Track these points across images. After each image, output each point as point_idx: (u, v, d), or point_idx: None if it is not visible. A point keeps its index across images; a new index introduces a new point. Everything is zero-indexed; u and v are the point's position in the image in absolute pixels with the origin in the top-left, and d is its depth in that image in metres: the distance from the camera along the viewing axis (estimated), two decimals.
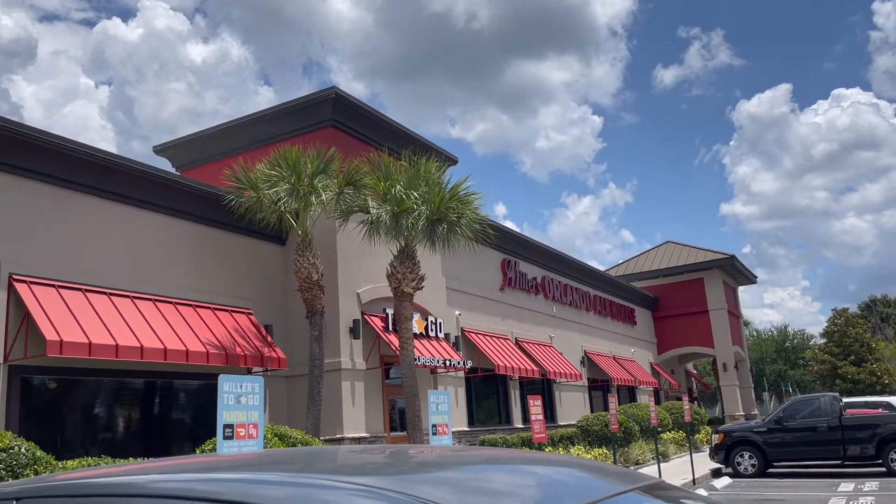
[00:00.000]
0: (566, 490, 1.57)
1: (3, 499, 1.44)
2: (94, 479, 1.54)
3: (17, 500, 1.41)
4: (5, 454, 6.54)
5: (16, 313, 10.72)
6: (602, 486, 1.58)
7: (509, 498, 1.47)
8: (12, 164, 11.08)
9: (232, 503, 1.27)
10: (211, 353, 12.44)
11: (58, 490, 1.49)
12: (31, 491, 1.45)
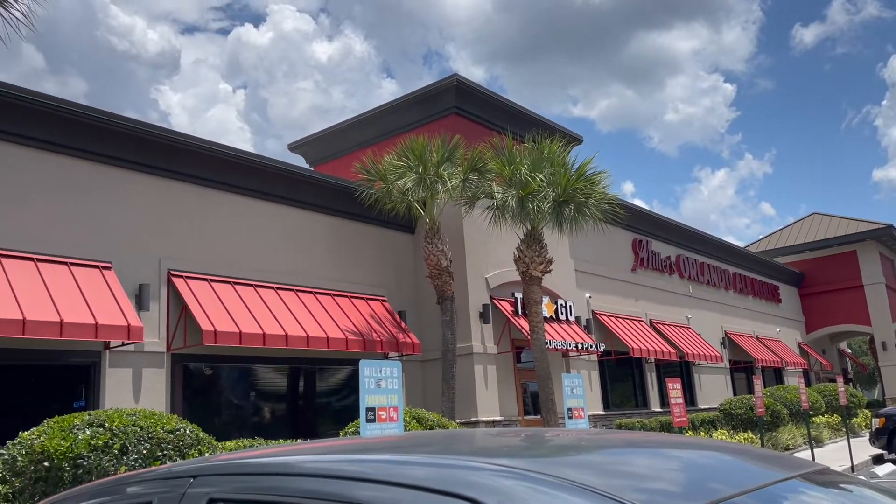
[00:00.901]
0: (719, 475, 1.50)
1: (181, 476, 1.58)
2: (257, 458, 1.66)
3: (193, 477, 1.54)
4: (172, 435, 7.14)
5: (175, 306, 11.64)
6: (760, 472, 1.50)
7: (658, 482, 1.43)
8: (167, 168, 12.00)
9: (381, 482, 1.32)
10: (350, 340, 12.96)
11: (227, 469, 1.61)
12: (204, 469, 1.58)
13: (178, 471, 1.65)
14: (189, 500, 1.48)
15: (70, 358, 10.59)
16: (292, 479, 1.42)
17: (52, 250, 10.27)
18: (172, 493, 1.53)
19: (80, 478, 6.51)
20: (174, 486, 1.55)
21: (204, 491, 1.48)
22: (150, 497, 1.57)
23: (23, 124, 10.37)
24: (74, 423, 6.77)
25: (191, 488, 1.51)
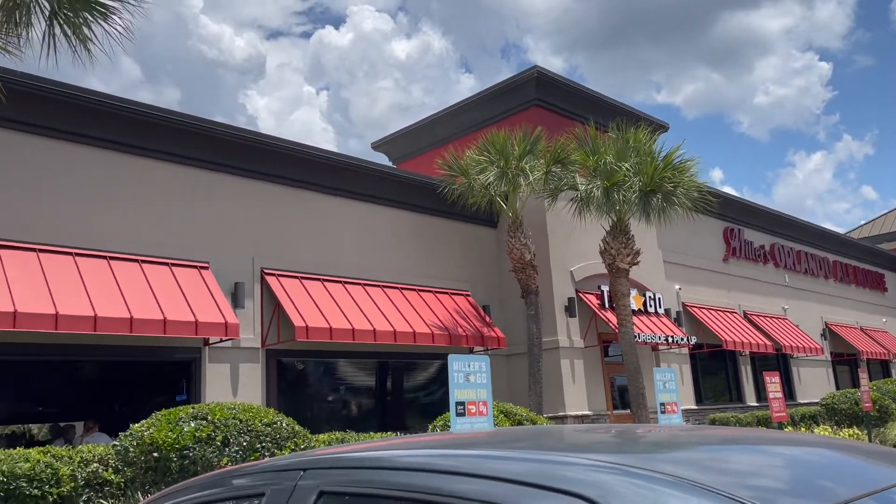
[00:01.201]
0: (836, 474, 1.44)
1: (292, 469, 1.65)
2: (364, 452, 1.71)
3: (303, 470, 1.60)
4: (270, 428, 7.42)
5: (268, 303, 12.07)
6: (881, 471, 1.43)
7: (768, 480, 1.38)
8: (260, 170, 12.44)
9: (485, 477, 1.34)
10: (436, 335, 13.10)
11: (336, 462, 1.68)
12: (313, 462, 1.64)
13: (288, 464, 1.72)
14: (300, 492, 1.54)
15: (173, 354, 11.14)
16: (400, 473, 1.46)
17: (154, 252, 10.83)
18: (284, 485, 1.59)
19: (187, 468, 6.85)
20: (286, 479, 1.62)
21: (314, 483, 1.54)
22: (263, 488, 1.64)
23: (127, 134, 10.96)
24: (180, 415, 7.13)
25: (301, 480, 1.57)
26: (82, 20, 6.92)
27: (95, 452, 8.05)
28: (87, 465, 7.84)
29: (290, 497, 1.55)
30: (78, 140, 10.54)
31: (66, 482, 7.53)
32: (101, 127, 10.70)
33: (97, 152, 10.72)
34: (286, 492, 1.57)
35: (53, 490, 7.43)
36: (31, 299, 8.85)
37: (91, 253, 10.11)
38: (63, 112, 10.31)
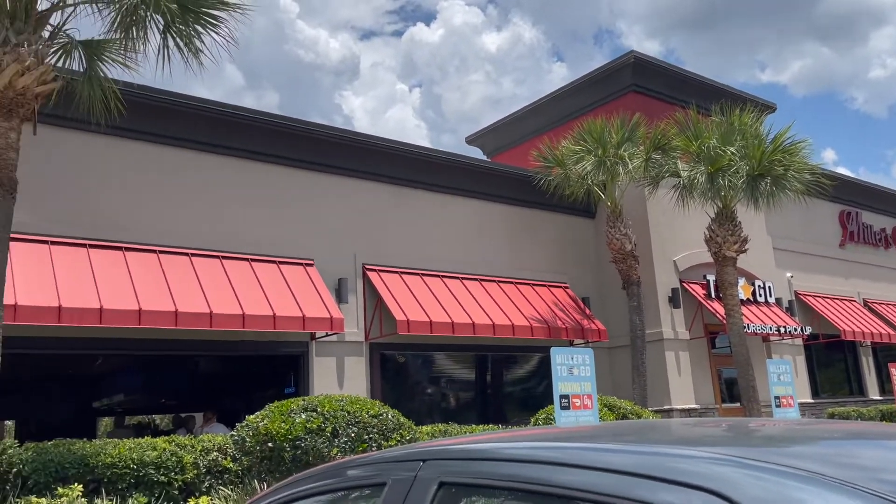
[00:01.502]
0: None
1: (412, 460, 1.68)
2: (485, 444, 1.73)
3: (423, 461, 1.64)
4: (376, 420, 7.61)
5: (370, 298, 12.36)
6: None
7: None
8: (357, 169, 12.75)
9: (609, 471, 1.32)
10: (535, 327, 13.03)
11: (454, 454, 1.70)
12: (433, 454, 1.68)
13: (407, 454, 1.76)
14: (421, 483, 1.57)
15: (281, 348, 11.59)
16: (525, 465, 1.46)
17: (263, 251, 11.30)
18: (405, 475, 1.63)
19: (299, 458, 7.13)
20: (406, 469, 1.65)
21: (434, 474, 1.57)
22: (384, 478, 1.69)
23: (234, 138, 11.48)
24: (291, 407, 7.42)
25: (421, 471, 1.60)
26: (193, 32, 7.30)
27: (215, 442, 8.50)
28: (208, 454, 8.29)
29: (410, 487, 1.58)
30: (188, 146, 11.12)
31: (190, 469, 7.99)
32: (209, 132, 11.25)
33: (207, 157, 11.28)
34: (407, 482, 1.60)
35: (178, 477, 7.91)
36: (153, 298, 9.43)
37: (205, 253, 10.66)
38: (175, 120, 10.90)
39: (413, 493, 1.57)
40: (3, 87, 6.53)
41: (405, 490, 1.60)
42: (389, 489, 1.64)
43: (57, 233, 9.48)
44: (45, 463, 7.24)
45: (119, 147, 10.39)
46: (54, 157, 9.60)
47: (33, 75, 6.68)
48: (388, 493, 1.64)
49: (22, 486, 7.08)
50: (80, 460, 7.43)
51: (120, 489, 7.46)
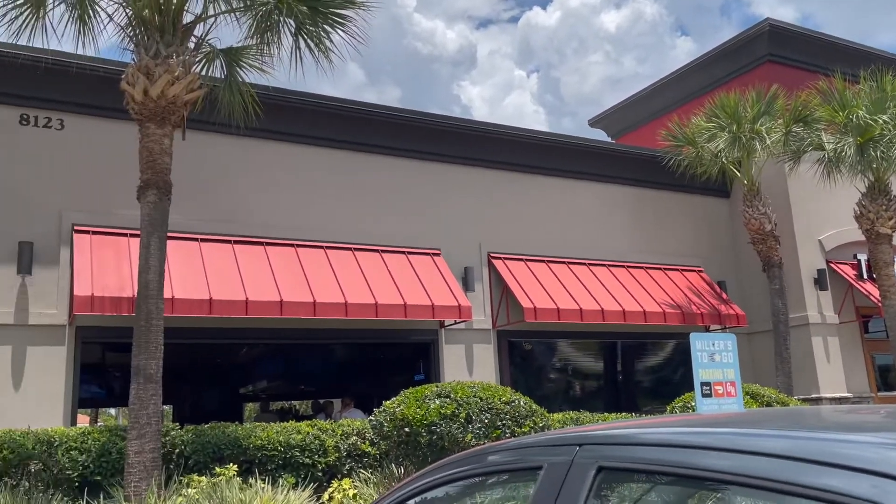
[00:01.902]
0: None
1: (567, 444, 1.67)
2: (643, 430, 1.70)
3: (579, 445, 1.62)
4: (509, 406, 7.64)
5: (496, 286, 12.40)
6: None
7: None
8: (480, 157, 12.79)
9: (789, 458, 1.25)
10: (667, 313, 12.61)
11: (612, 439, 1.68)
12: (588, 438, 1.66)
13: (562, 438, 1.75)
14: (578, 466, 1.56)
15: (411, 336, 11.87)
16: (691, 452, 1.42)
17: (392, 242, 11.59)
18: (561, 459, 1.62)
19: (435, 443, 7.28)
20: (561, 453, 1.64)
21: (592, 458, 1.55)
22: (540, 462, 1.69)
23: (361, 134, 11.83)
24: (426, 393, 7.59)
25: (578, 456, 1.59)
26: (322, 32, 7.59)
27: (354, 426, 8.85)
28: (348, 438, 8.65)
29: (568, 471, 1.57)
30: (318, 143, 11.56)
31: (332, 452, 8.37)
32: (338, 130, 11.65)
33: (336, 153, 11.69)
34: (563, 466, 1.59)
35: (321, 459, 8.30)
36: (293, 289, 9.92)
37: (339, 246, 11.08)
38: (306, 118, 11.36)
39: (571, 477, 1.56)
40: (157, 96, 7.06)
41: (562, 474, 1.59)
42: (546, 473, 1.64)
43: (206, 231, 10.16)
44: (203, 444, 7.81)
45: (257, 147, 10.97)
46: (200, 160, 10.27)
47: (182, 84, 7.17)
48: (545, 476, 1.63)
49: (184, 465, 7.68)
50: (234, 442, 7.96)
51: (269, 469, 7.93)
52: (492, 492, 2.58)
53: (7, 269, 9.00)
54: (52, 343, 9.09)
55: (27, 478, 7.11)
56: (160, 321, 7.04)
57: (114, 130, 9.78)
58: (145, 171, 7.24)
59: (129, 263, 9.12)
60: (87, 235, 9.35)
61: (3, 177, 9.33)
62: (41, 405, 8.85)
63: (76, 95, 9.71)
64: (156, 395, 6.92)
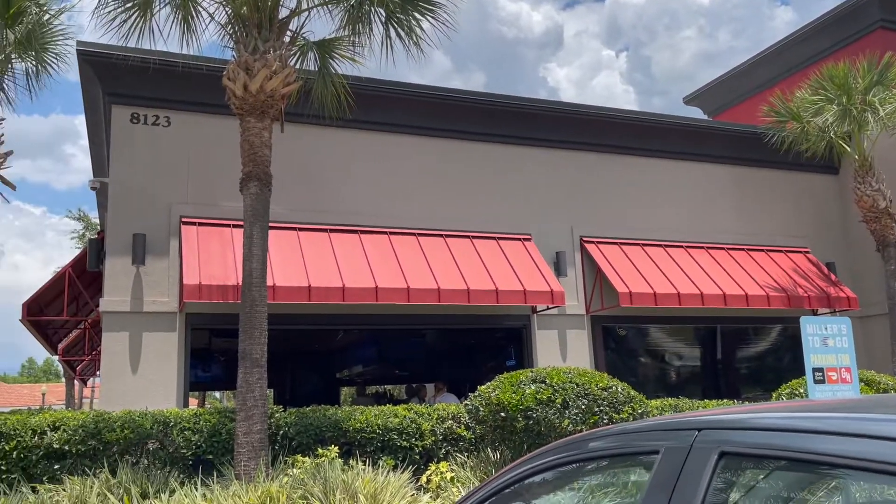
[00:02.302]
0: None
1: (685, 429, 1.63)
2: (768, 414, 1.64)
3: (698, 430, 1.58)
4: (606, 392, 7.53)
5: (590, 271, 12.21)
6: None
7: None
8: (569, 140, 12.60)
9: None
10: (771, 297, 12.08)
11: (735, 423, 1.62)
12: (708, 423, 1.61)
13: (679, 423, 1.71)
14: (699, 451, 1.51)
15: (504, 322, 11.86)
16: (823, 438, 1.35)
17: (482, 228, 11.60)
18: (679, 443, 1.58)
19: (531, 428, 7.27)
20: (679, 438, 1.60)
21: (713, 442, 1.50)
22: (656, 446, 1.65)
23: (449, 120, 11.86)
24: (521, 378, 7.58)
25: (698, 440, 1.54)
26: (413, 20, 7.64)
27: (449, 411, 8.95)
28: (443, 422, 8.75)
29: (687, 455, 1.53)
30: (408, 132, 11.65)
31: (428, 436, 8.50)
32: (426, 117, 11.71)
33: (426, 141, 11.77)
34: (682, 450, 1.55)
35: (418, 443, 8.44)
36: (387, 276, 10.10)
37: (430, 233, 11.19)
38: (395, 107, 11.49)
39: (691, 462, 1.52)
40: (256, 90, 7.31)
41: (681, 458, 1.55)
42: (663, 457, 1.60)
43: (303, 220, 10.48)
44: (305, 426, 8.10)
45: (350, 138, 11.20)
46: (297, 152, 10.58)
47: (279, 78, 7.40)
48: (662, 460, 1.60)
49: (288, 446, 7.98)
50: (334, 425, 8.21)
51: (368, 452, 8.14)
52: (597, 476, 2.55)
53: (123, 260, 9.57)
54: (164, 329, 9.62)
55: (146, 456, 7.58)
56: (264, 308, 7.32)
57: (216, 126, 10.21)
58: (247, 164, 7.52)
59: (233, 253, 9.52)
60: (194, 227, 9.82)
61: (118, 173, 9.92)
62: (156, 388, 9.40)
63: (181, 93, 10.18)
64: (261, 379, 7.21)
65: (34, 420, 7.50)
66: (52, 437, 7.35)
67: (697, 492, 1.44)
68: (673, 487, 1.51)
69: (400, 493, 6.47)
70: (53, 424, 7.47)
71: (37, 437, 7.33)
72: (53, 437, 7.34)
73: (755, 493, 1.79)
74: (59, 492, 6.76)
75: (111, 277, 9.56)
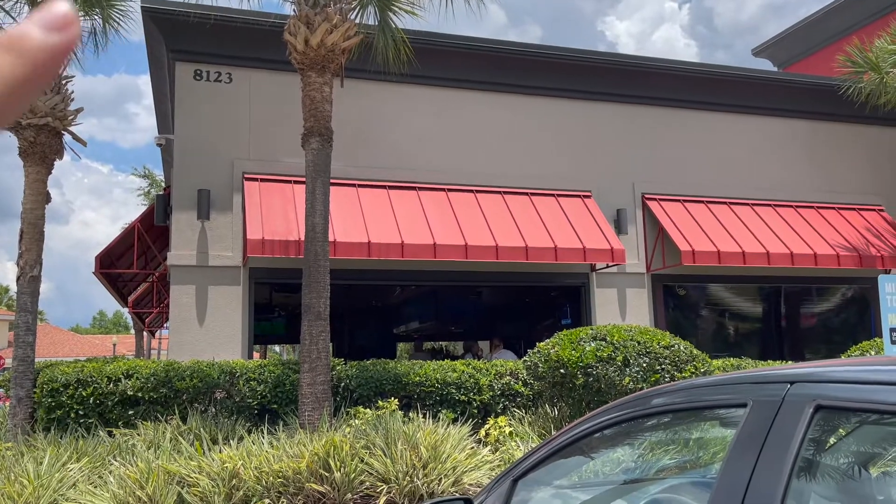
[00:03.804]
0: None
1: (776, 381, 1.57)
2: (864, 368, 1.57)
3: (791, 383, 1.52)
4: (668, 351, 7.43)
5: (651, 228, 11.98)
6: None
7: None
8: (631, 94, 12.25)
9: None
10: (842, 256, 11.65)
11: (830, 376, 1.56)
12: (801, 376, 1.55)
13: (769, 375, 1.65)
14: (792, 405, 1.46)
15: (562, 279, 11.77)
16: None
17: (541, 184, 11.46)
18: (769, 396, 1.53)
19: (591, 385, 7.24)
20: (769, 390, 1.55)
21: (808, 395, 1.45)
22: (743, 399, 1.60)
23: (508, 74, 11.65)
24: (581, 336, 7.54)
25: (790, 394, 1.49)
26: None
27: (507, 367, 8.99)
28: (501, 378, 8.81)
29: (779, 408, 1.48)
30: (467, 86, 11.49)
31: (486, 391, 8.57)
32: (486, 71, 11.52)
33: (484, 96, 11.61)
34: (773, 403, 1.51)
35: (476, 397, 8.53)
36: (445, 233, 10.10)
37: (488, 189, 11.11)
38: (454, 62, 11.33)
39: (783, 415, 1.47)
40: (316, 45, 7.29)
41: (772, 411, 1.50)
42: (752, 410, 1.55)
43: (362, 177, 10.52)
44: (366, 379, 8.25)
45: (409, 93, 11.13)
46: (356, 108, 10.58)
47: (339, 32, 7.36)
48: (751, 413, 1.55)
49: (349, 398, 8.17)
50: (394, 378, 8.35)
51: (428, 405, 8.26)
52: (675, 430, 2.51)
53: (189, 215, 9.82)
54: (229, 283, 9.88)
55: (213, 404, 7.86)
56: (326, 262, 7.42)
57: (278, 82, 10.27)
58: (308, 119, 7.55)
59: (295, 208, 9.65)
60: (256, 183, 9.98)
61: (182, 129, 10.11)
62: (221, 339, 9.70)
63: (243, 49, 10.25)
64: (324, 332, 7.35)
65: (109, 368, 7.85)
66: (126, 384, 7.68)
67: (791, 445, 1.40)
68: (763, 441, 1.46)
69: (460, 445, 6.55)
70: (127, 372, 7.80)
71: (112, 384, 7.67)
72: (127, 385, 7.67)
73: (851, 447, 1.73)
74: (134, 436, 7.09)
75: (178, 232, 9.83)
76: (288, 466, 5.86)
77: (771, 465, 1.42)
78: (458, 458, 6.30)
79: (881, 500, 1.88)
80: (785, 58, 17.56)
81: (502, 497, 2.29)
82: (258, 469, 5.86)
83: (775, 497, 1.37)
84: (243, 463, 5.89)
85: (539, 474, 2.35)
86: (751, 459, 1.47)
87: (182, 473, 5.82)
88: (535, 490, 2.49)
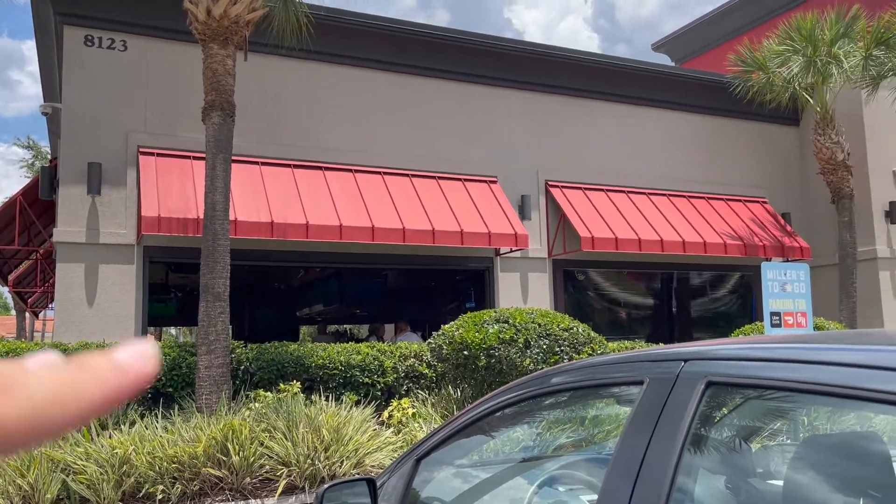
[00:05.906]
0: None
1: (671, 359, 1.63)
2: (752, 345, 1.65)
3: (684, 360, 1.59)
4: (567, 333, 7.66)
5: (553, 215, 12.27)
6: None
7: None
8: (538, 82, 12.46)
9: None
10: (729, 245, 12.34)
11: (720, 354, 1.64)
12: (694, 354, 1.62)
13: (665, 354, 1.71)
14: (685, 381, 1.52)
15: (467, 263, 11.90)
16: (802, 367, 1.38)
17: (448, 169, 11.51)
18: (664, 373, 1.59)
19: (493, 366, 7.37)
20: (664, 368, 1.61)
21: (700, 372, 1.51)
22: (640, 377, 1.66)
23: (416, 57, 11.59)
24: (484, 318, 7.65)
25: (684, 371, 1.55)
26: None
27: (411, 349, 9.03)
28: (406, 360, 8.84)
29: (673, 385, 1.54)
30: (374, 66, 11.36)
31: (390, 373, 8.58)
32: (392, 52, 11.42)
33: (392, 77, 11.50)
34: (668, 381, 1.56)
35: (380, 379, 8.52)
36: (351, 214, 9.99)
37: (396, 172, 11.05)
38: (360, 41, 11.17)
39: (677, 391, 1.53)
40: (219, 15, 7.01)
41: (667, 388, 1.56)
42: (648, 387, 1.61)
43: (266, 154, 10.23)
44: (267, 362, 8.08)
45: (315, 71, 10.88)
46: (259, 83, 10.26)
47: (244, 3, 7.10)
48: (647, 390, 1.61)
49: (249, 381, 7.97)
50: (296, 361, 8.21)
51: (331, 388, 8.18)
52: (572, 408, 2.59)
53: (78, 189, 9.26)
54: (121, 262, 9.40)
55: None
56: (226, 241, 7.19)
57: (177, 52, 9.81)
58: (209, 93, 7.26)
59: (193, 185, 9.28)
60: (153, 157, 9.52)
61: (71, 98, 9.50)
62: (113, 321, 9.24)
63: (139, 16, 9.72)
64: (223, 314, 7.13)
65: None
66: None
67: (684, 419, 1.46)
68: (658, 416, 1.52)
69: (363, 427, 6.53)
70: (6, 355, 7.31)
71: None
72: None
73: (739, 420, 1.83)
74: None
75: (65, 207, 9.26)
76: (183, 451, 5.67)
77: (665, 440, 1.47)
78: (361, 441, 6.28)
79: (760, 472, 2.00)
80: (682, 54, 18.33)
81: (405, 477, 2.29)
82: (151, 454, 5.64)
83: (668, 471, 1.43)
84: (135, 448, 5.65)
85: (441, 454, 2.36)
86: (646, 435, 1.52)
87: (68, 461, 5.53)
88: (438, 469, 2.50)
